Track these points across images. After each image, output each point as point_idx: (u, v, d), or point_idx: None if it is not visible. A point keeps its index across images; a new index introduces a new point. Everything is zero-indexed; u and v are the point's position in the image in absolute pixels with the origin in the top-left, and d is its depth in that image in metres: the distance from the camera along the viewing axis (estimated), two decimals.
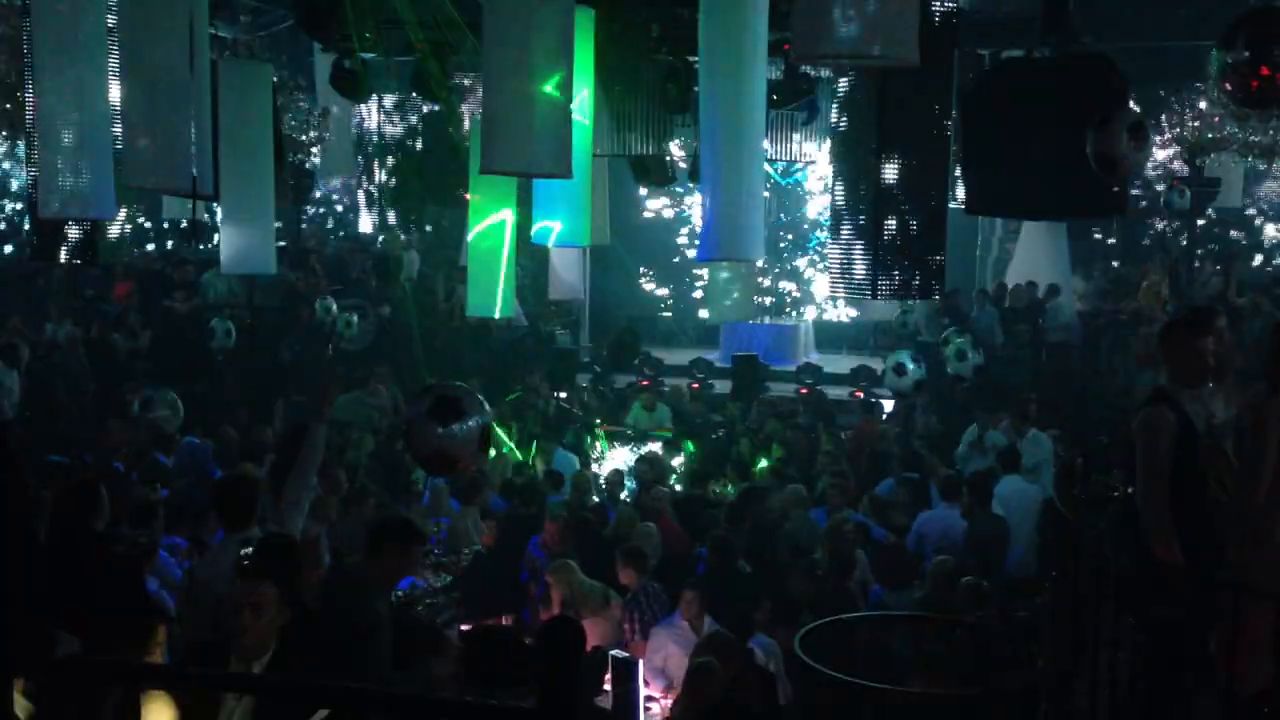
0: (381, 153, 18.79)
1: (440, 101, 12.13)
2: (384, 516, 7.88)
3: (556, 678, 4.89)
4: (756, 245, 7.83)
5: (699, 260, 17.10)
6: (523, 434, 12.72)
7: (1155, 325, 13.22)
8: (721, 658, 6.15)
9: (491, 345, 16.14)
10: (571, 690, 5.17)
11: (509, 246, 9.69)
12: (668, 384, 15.74)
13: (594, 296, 19.51)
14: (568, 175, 6.93)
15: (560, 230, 8.87)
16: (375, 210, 21.99)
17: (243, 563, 5.49)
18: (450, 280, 16.68)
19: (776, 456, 11.76)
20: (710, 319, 19.71)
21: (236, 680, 4.31)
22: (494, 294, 9.65)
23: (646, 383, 15.43)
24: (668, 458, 12.05)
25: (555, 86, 6.44)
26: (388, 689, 4.56)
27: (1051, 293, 16.69)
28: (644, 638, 7.26)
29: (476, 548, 8.92)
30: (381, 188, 19.70)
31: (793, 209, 22.01)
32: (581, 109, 8.23)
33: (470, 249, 9.83)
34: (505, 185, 9.50)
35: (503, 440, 11.95)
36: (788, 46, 8.16)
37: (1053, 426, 11.61)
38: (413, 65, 11.24)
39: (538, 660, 5.23)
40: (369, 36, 10.44)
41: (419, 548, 6.09)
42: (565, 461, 11.51)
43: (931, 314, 16.15)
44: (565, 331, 18.39)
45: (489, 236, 9.64)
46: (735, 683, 6.06)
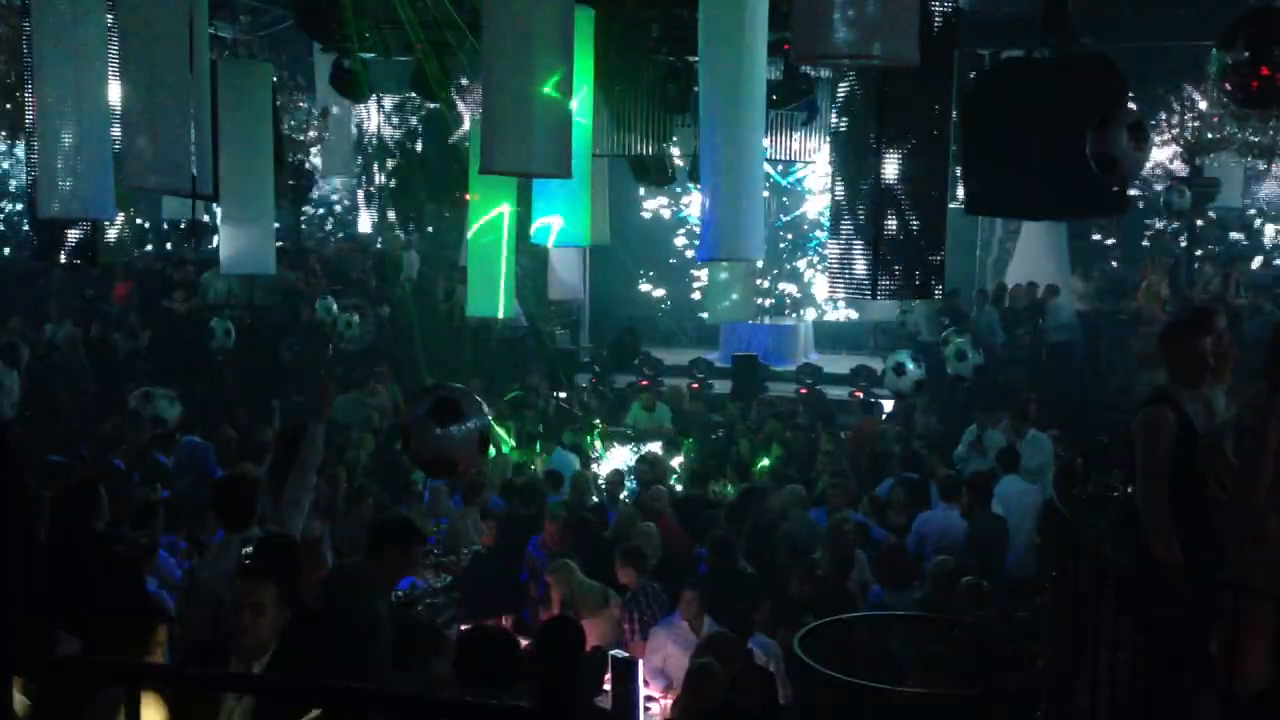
0: (381, 154, 18.79)
1: (440, 101, 12.13)
2: (384, 516, 7.88)
3: (556, 677, 4.92)
4: (756, 245, 7.83)
5: (699, 260, 17.09)
6: (522, 434, 12.72)
7: (1155, 325, 13.23)
8: (721, 658, 6.15)
9: (491, 345, 16.14)
10: (571, 690, 5.19)
11: (508, 246, 9.69)
12: (667, 384, 15.74)
13: (594, 296, 19.50)
14: (567, 175, 6.94)
15: (560, 230, 8.88)
16: (375, 210, 21.98)
17: (243, 563, 5.49)
18: (450, 280, 16.68)
19: (776, 456, 11.76)
20: (710, 320, 19.72)
21: (236, 680, 4.31)
22: (494, 294, 9.65)
23: (646, 383, 15.44)
24: (667, 458, 12.05)
25: (555, 86, 6.45)
26: (388, 689, 4.56)
27: (1051, 293, 16.69)
28: (643, 638, 7.26)
29: (476, 548, 8.92)
30: (381, 188, 19.69)
31: (792, 209, 22.02)
32: (581, 109, 8.23)
33: (470, 249, 9.84)
34: (505, 185, 9.50)
35: (502, 438, 11.95)
36: (788, 46, 8.16)
37: (1053, 426, 11.61)
38: (413, 65, 11.25)
39: (534, 660, 5.25)
40: (369, 36, 10.44)
41: (419, 548, 6.09)
42: (565, 461, 11.51)
43: (931, 314, 16.15)
44: (565, 331, 18.39)
45: (488, 234, 9.64)
46: (735, 683, 6.06)
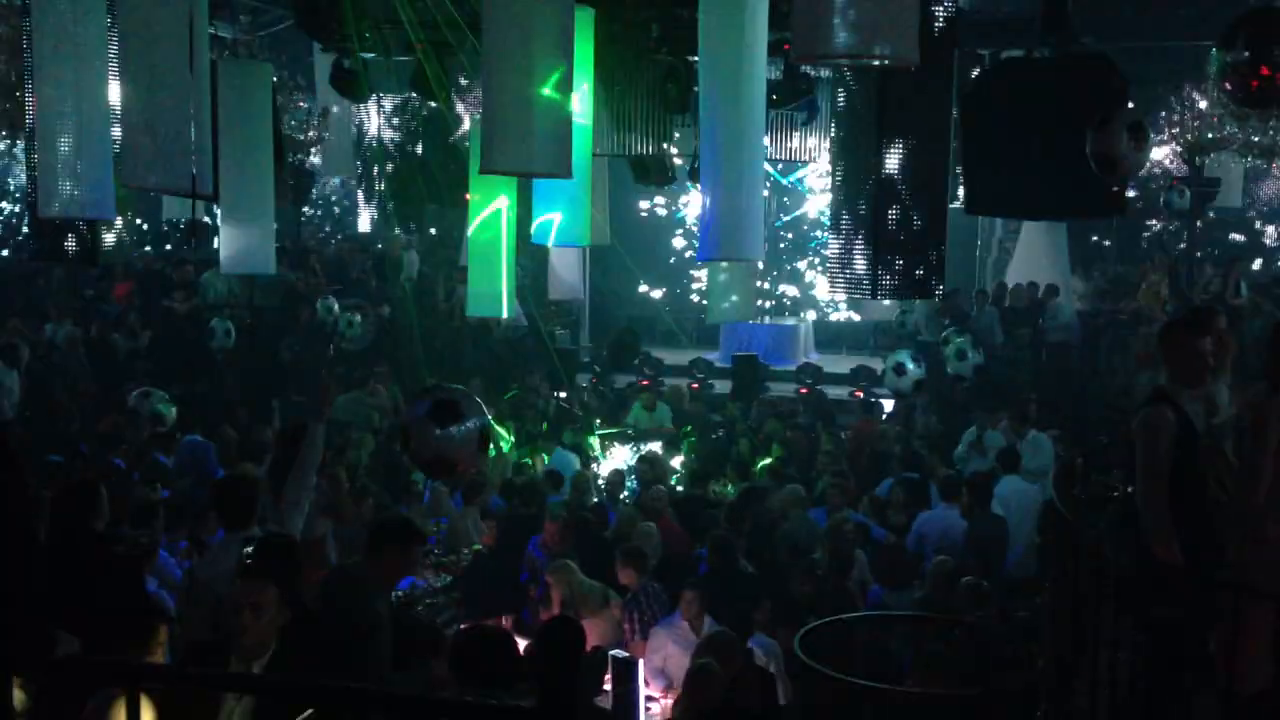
0: (381, 154, 18.78)
1: (440, 101, 12.12)
2: (384, 516, 7.88)
3: (556, 677, 4.91)
4: (756, 245, 7.83)
5: (699, 260, 17.10)
6: (521, 434, 12.73)
7: (1155, 325, 13.22)
8: (721, 658, 6.15)
9: (491, 345, 16.14)
10: (571, 690, 5.19)
11: (508, 245, 9.69)
12: (667, 384, 15.74)
13: (593, 296, 19.51)
14: (567, 175, 6.93)
15: (560, 230, 8.87)
16: (375, 210, 21.98)
17: (244, 563, 5.49)
18: (450, 280, 16.68)
19: (776, 456, 11.76)
20: (710, 320, 19.71)
21: (236, 680, 4.31)
22: (495, 294, 9.64)
23: (646, 383, 15.43)
24: (667, 457, 12.05)
25: (555, 86, 6.44)
26: (388, 689, 4.56)
27: (1050, 293, 16.69)
28: (644, 638, 7.26)
29: (476, 548, 8.92)
30: (381, 188, 19.68)
31: (792, 208, 22.01)
32: (581, 109, 8.23)
33: (470, 248, 9.83)
34: (505, 185, 9.50)
35: (502, 437, 11.95)
36: (787, 46, 8.16)
37: (1052, 426, 11.61)
38: (413, 65, 11.24)
39: (534, 660, 5.24)
40: (369, 36, 10.43)
41: (419, 548, 6.10)
42: (565, 461, 11.51)
43: (931, 314, 16.15)
44: (565, 331, 18.38)
45: (488, 234, 9.64)
46: (735, 683, 6.06)
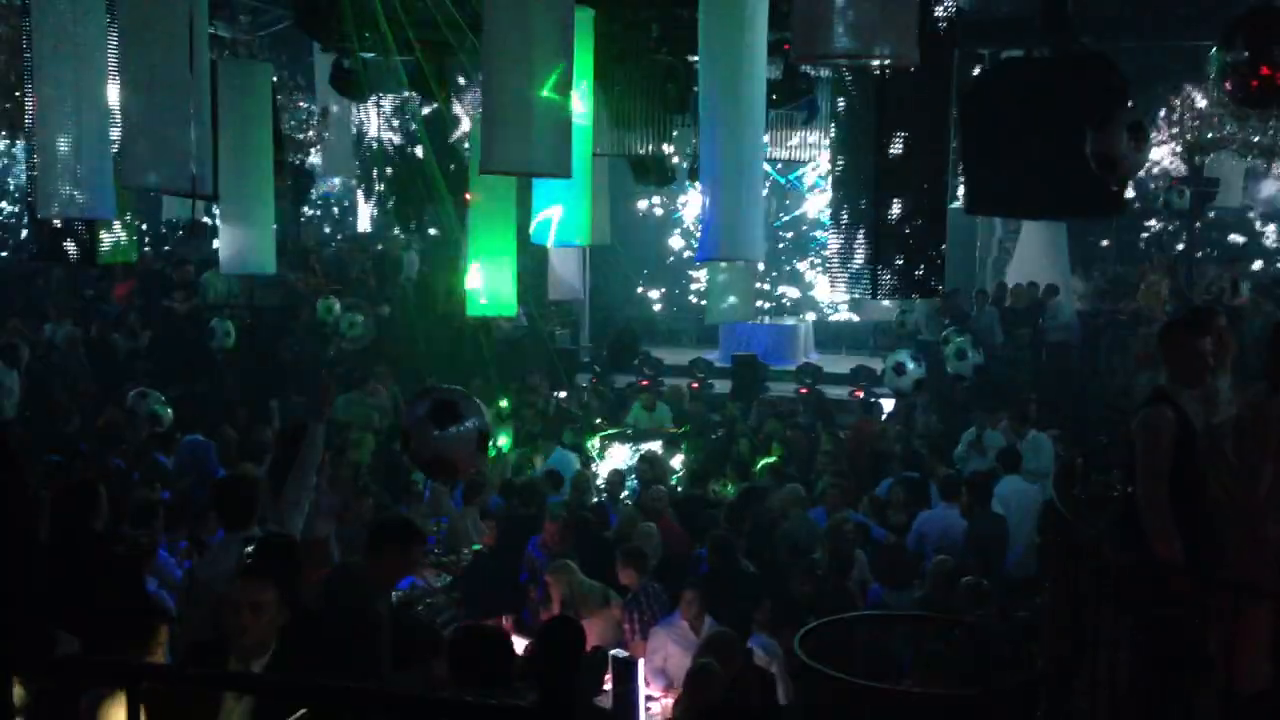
0: (381, 154, 18.77)
1: (440, 101, 12.11)
2: (384, 516, 7.88)
3: (556, 677, 4.91)
4: (756, 245, 7.83)
5: (698, 260, 17.11)
6: (521, 434, 12.73)
7: (1155, 325, 13.22)
8: (722, 658, 6.15)
9: (491, 345, 16.13)
10: (571, 689, 5.19)
11: (509, 246, 9.69)
12: (667, 384, 15.74)
13: (593, 296, 19.50)
14: (567, 175, 6.93)
15: (560, 230, 8.87)
16: (375, 209, 21.97)
17: (244, 562, 5.49)
18: (450, 280, 16.66)
19: (776, 456, 11.77)
20: (709, 320, 19.72)
21: (236, 680, 4.31)
22: (496, 294, 9.65)
23: (646, 382, 15.43)
24: (667, 457, 12.05)
25: (555, 86, 6.44)
26: (388, 689, 4.56)
27: (1050, 292, 16.70)
28: (644, 638, 7.26)
29: (476, 547, 8.92)
30: (381, 188, 19.67)
31: (792, 207, 22.01)
32: (581, 109, 8.23)
33: (471, 248, 9.83)
34: (505, 185, 9.50)
35: (503, 432, 11.96)
36: (787, 46, 8.16)
37: (1052, 426, 11.61)
38: (413, 65, 11.24)
39: (534, 660, 5.24)
40: (369, 36, 10.42)
41: (419, 548, 6.09)
42: (565, 461, 11.51)
43: (931, 313, 16.15)
44: (565, 331, 18.38)
45: (489, 234, 9.64)
46: (735, 683, 6.06)
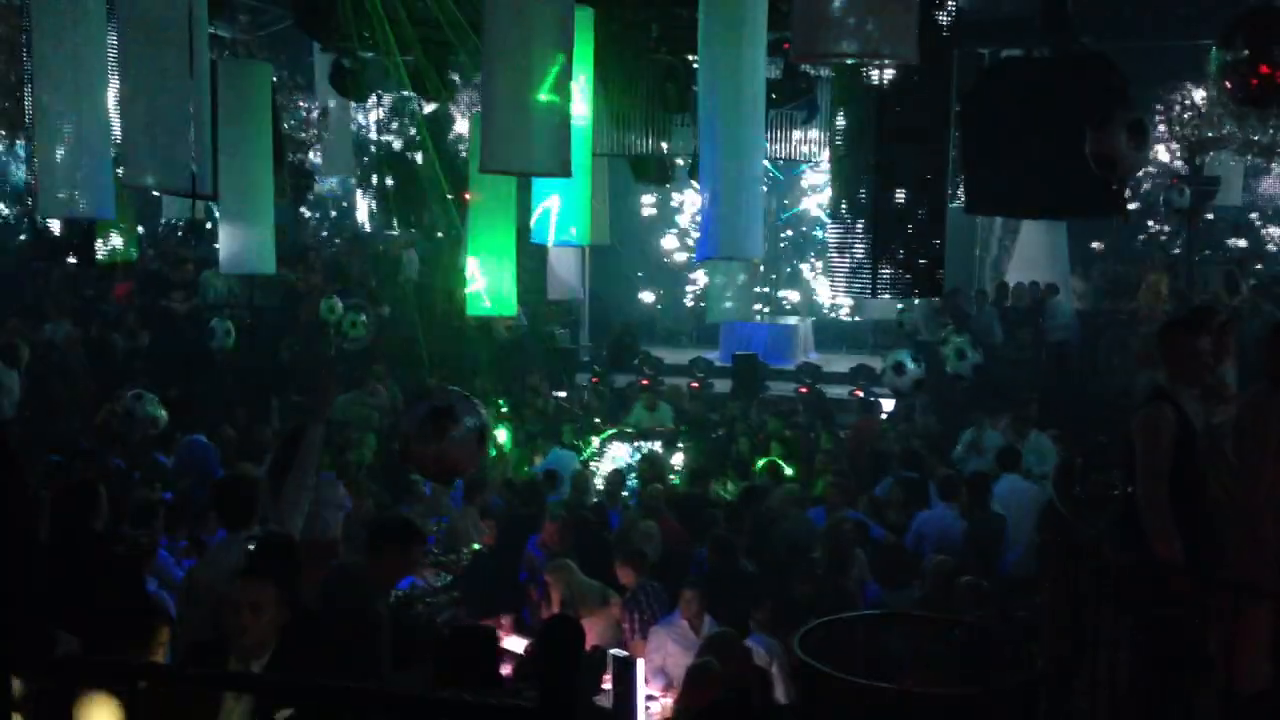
0: (381, 154, 18.79)
1: (440, 101, 12.12)
2: (384, 516, 7.88)
3: (556, 676, 4.90)
4: (755, 244, 7.83)
5: (698, 259, 17.13)
6: (520, 434, 12.74)
7: (1155, 325, 13.21)
8: (721, 657, 6.15)
9: (491, 345, 16.15)
10: (571, 689, 5.18)
11: (509, 245, 9.69)
12: (667, 383, 15.74)
13: (593, 296, 19.51)
14: (567, 174, 6.93)
15: (559, 229, 8.87)
16: (375, 209, 21.97)
17: (244, 562, 5.49)
18: (450, 280, 16.67)
19: (776, 455, 11.77)
20: (709, 319, 19.73)
21: (236, 680, 4.31)
22: (496, 294, 9.65)
23: (646, 382, 15.44)
24: (667, 457, 12.05)
25: (554, 86, 6.44)
26: (388, 689, 4.56)
27: (1050, 291, 16.70)
28: (643, 637, 7.26)
29: (476, 547, 8.92)
30: (381, 188, 19.67)
31: (792, 206, 22.00)
32: (581, 108, 8.23)
33: (471, 248, 9.84)
34: (505, 185, 9.50)
35: (504, 426, 11.97)
36: (787, 46, 8.17)
37: (1052, 426, 11.60)
38: (413, 65, 11.25)
39: (534, 659, 5.24)
40: (368, 36, 10.43)
41: (419, 548, 6.09)
42: (564, 461, 11.50)
43: (930, 313, 16.14)
44: (565, 331, 18.39)
45: (489, 234, 9.64)
46: (735, 682, 6.06)
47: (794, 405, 14.55)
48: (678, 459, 12.18)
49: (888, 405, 14.59)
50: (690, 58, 10.10)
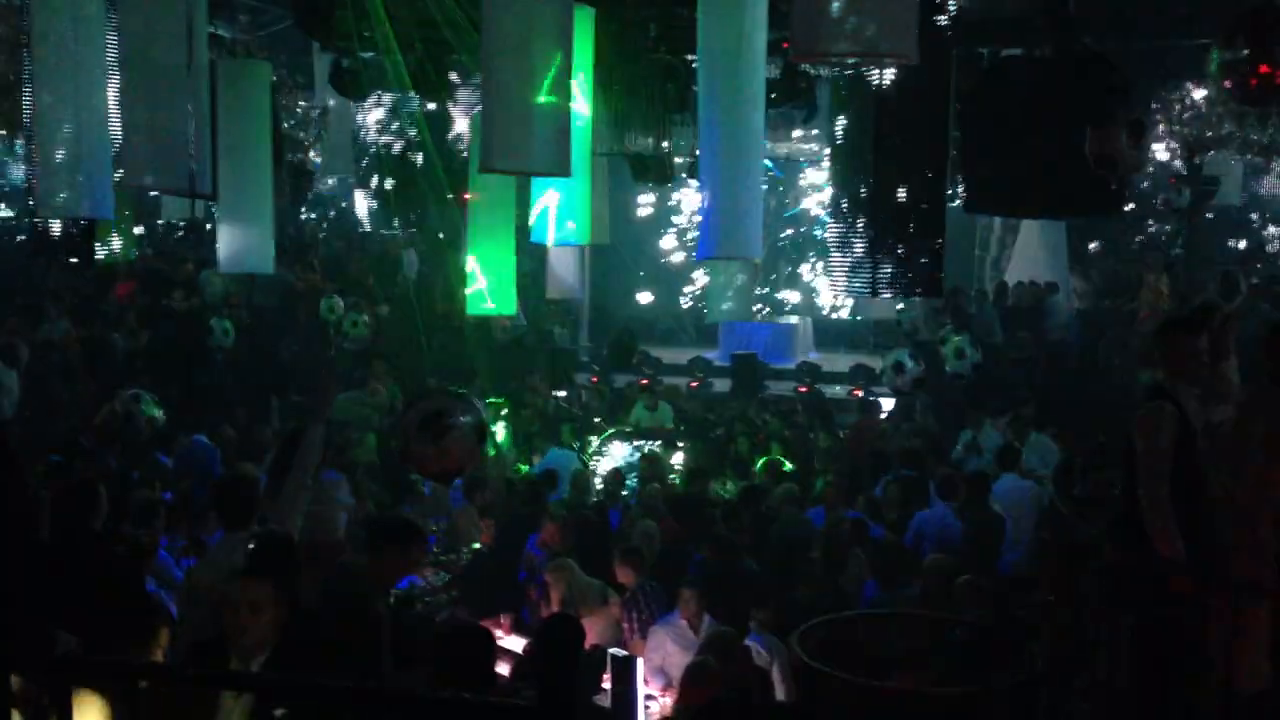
0: (380, 154, 18.78)
1: (440, 100, 12.11)
2: (384, 516, 7.89)
3: (556, 675, 4.90)
4: (755, 243, 7.83)
5: (697, 258, 17.14)
6: (519, 433, 12.74)
7: (1156, 325, 13.19)
8: (720, 657, 6.15)
9: (491, 345, 16.15)
10: (571, 688, 5.19)
11: (509, 245, 9.69)
12: (666, 383, 15.72)
13: (592, 295, 19.50)
14: (566, 174, 6.93)
15: (559, 229, 8.87)
16: (374, 208, 21.97)
17: (243, 561, 5.49)
18: (450, 280, 16.66)
19: (775, 455, 11.77)
20: (709, 318, 19.72)
21: (236, 679, 4.31)
22: (496, 293, 9.65)
23: (646, 381, 15.44)
24: (667, 456, 12.05)
25: (554, 85, 6.44)
26: (388, 688, 4.56)
27: (1049, 291, 16.69)
28: (642, 636, 7.26)
29: (475, 546, 8.92)
30: (381, 187, 19.66)
31: (792, 207, 22.00)
32: (580, 108, 8.23)
33: (471, 248, 9.84)
34: (505, 184, 9.50)
35: (503, 423, 11.98)
36: (786, 45, 8.16)
37: (1051, 426, 11.61)
38: (413, 64, 11.25)
39: (533, 658, 5.24)
40: (368, 35, 10.43)
41: (419, 548, 6.10)
42: (563, 460, 11.50)
43: (929, 312, 16.13)
44: (564, 330, 18.39)
45: (489, 233, 9.64)
46: (734, 681, 6.06)
47: (793, 405, 14.55)
48: (677, 458, 12.18)
49: (887, 405, 14.59)
50: (690, 57, 10.10)
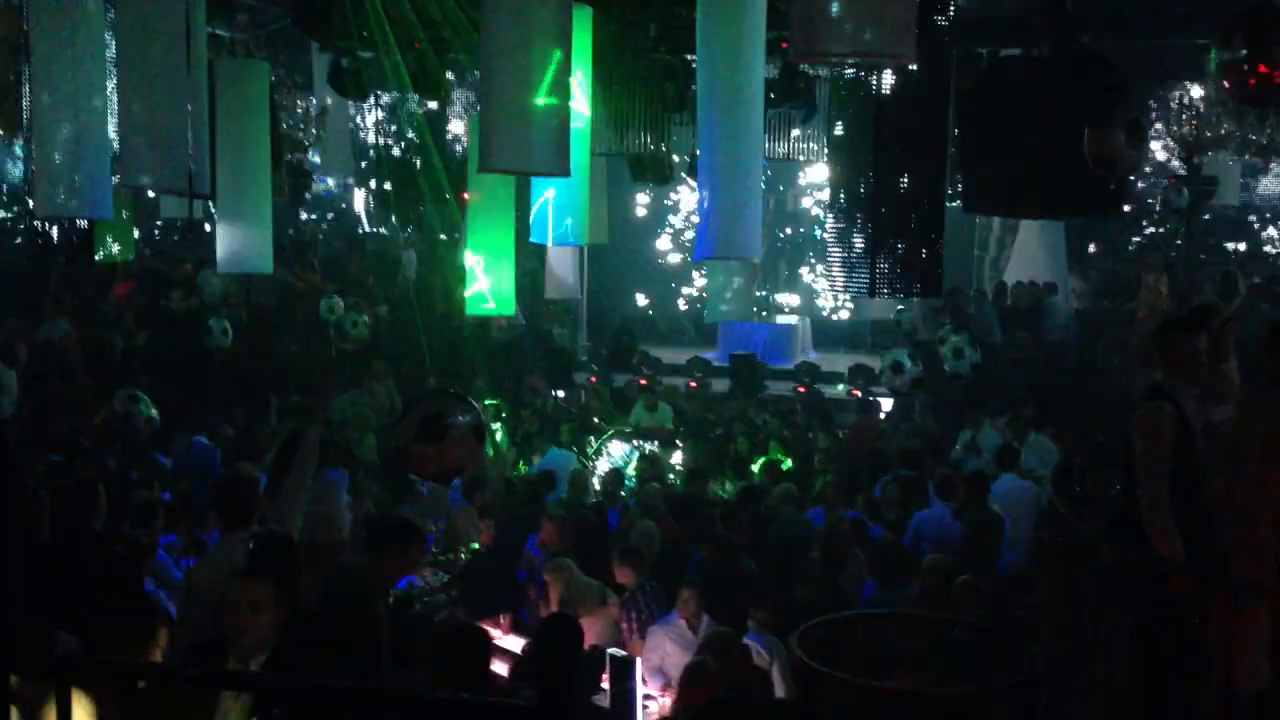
0: (379, 154, 18.78)
1: (439, 100, 12.11)
2: (384, 516, 7.89)
3: (554, 675, 4.89)
4: (754, 244, 7.83)
5: (696, 259, 17.15)
6: (517, 433, 12.74)
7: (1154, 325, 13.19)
8: (718, 656, 6.15)
9: (491, 344, 16.15)
10: (570, 688, 5.18)
11: (509, 245, 9.69)
12: (665, 382, 15.71)
13: (591, 295, 19.49)
14: (565, 174, 6.94)
15: (558, 229, 8.87)
16: (373, 208, 21.96)
17: (243, 561, 5.49)
18: (449, 280, 16.67)
19: (774, 455, 11.77)
20: (708, 318, 19.71)
21: (236, 679, 4.31)
22: (495, 294, 9.65)
23: (645, 381, 15.43)
24: (666, 456, 12.05)
25: (553, 85, 6.44)
26: (387, 688, 4.56)
27: (1048, 291, 16.69)
28: (641, 637, 7.25)
29: (474, 546, 8.92)
30: (380, 187, 19.67)
31: (794, 202, 22.01)
32: (580, 108, 8.23)
33: (470, 248, 9.84)
34: (503, 184, 9.50)
35: (501, 425, 11.98)
36: (786, 45, 8.16)
37: (1050, 426, 11.61)
38: (412, 64, 11.25)
39: (532, 658, 5.24)
40: (367, 35, 10.43)
41: (419, 548, 6.10)
42: (563, 460, 11.50)
43: (928, 312, 16.12)
44: (563, 330, 18.39)
45: (488, 233, 9.64)
46: (733, 681, 6.06)
47: (792, 405, 14.54)
48: (676, 458, 12.18)
49: (886, 405, 14.59)
50: (689, 57, 10.09)
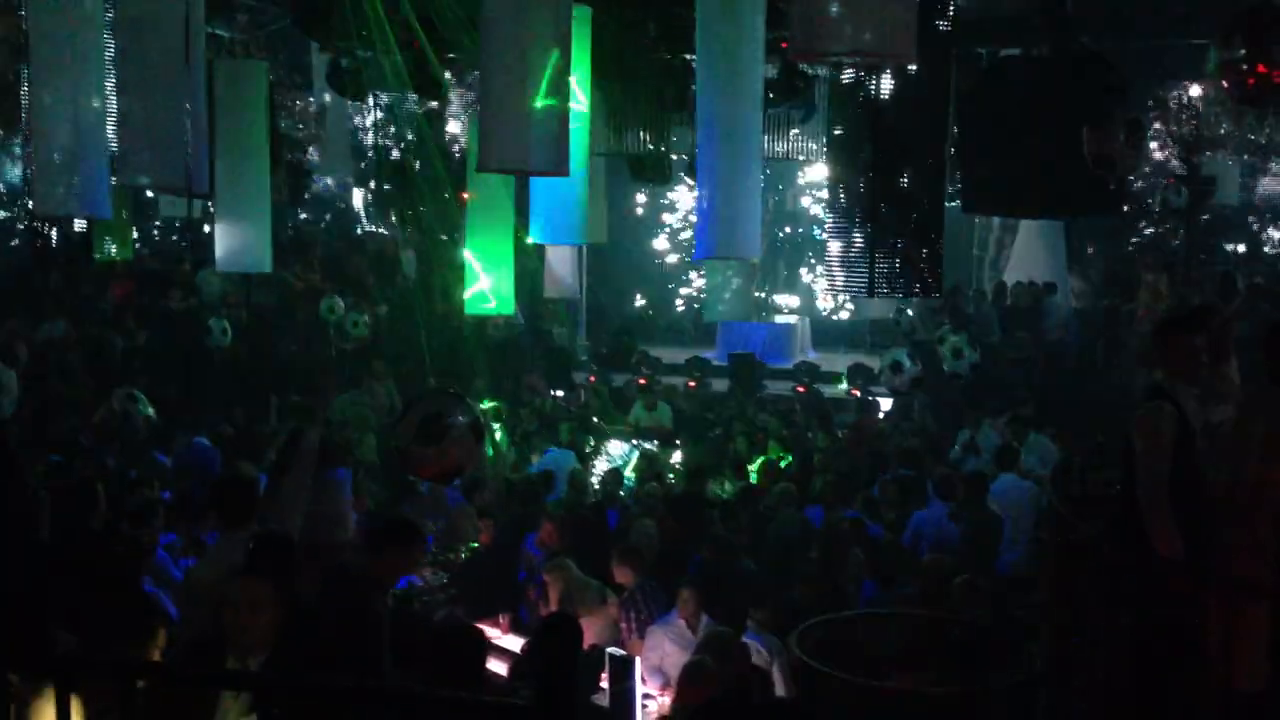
0: (378, 153, 18.78)
1: (438, 100, 12.11)
2: (385, 516, 7.88)
3: (553, 675, 4.88)
4: (753, 244, 7.83)
5: (695, 259, 17.15)
6: (516, 433, 12.74)
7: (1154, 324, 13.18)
8: (717, 656, 6.15)
9: (490, 344, 16.15)
10: (569, 687, 5.17)
11: (508, 245, 9.69)
12: (664, 382, 15.71)
13: (590, 295, 19.50)
14: (565, 174, 6.93)
15: (557, 228, 8.86)
16: (372, 208, 21.95)
17: (242, 561, 5.49)
18: (449, 280, 16.66)
19: (773, 455, 11.77)
20: (707, 318, 19.72)
21: (235, 678, 4.31)
22: (495, 293, 9.65)
23: (644, 381, 15.44)
24: (665, 456, 12.05)
25: (552, 85, 6.43)
26: (387, 687, 4.56)
27: (1047, 291, 16.70)
28: (640, 636, 7.25)
29: (474, 546, 8.92)
30: (379, 187, 19.66)
31: (793, 202, 22.01)
32: (579, 108, 8.23)
33: (469, 247, 9.84)
34: (503, 184, 9.49)
35: (499, 427, 11.98)
36: (785, 45, 8.16)
37: (1049, 425, 11.61)
38: (411, 63, 11.25)
39: (531, 657, 5.24)
40: (366, 35, 10.42)
41: (420, 548, 6.10)
42: (561, 460, 11.50)
43: (927, 312, 16.13)
44: (562, 330, 18.39)
45: (487, 233, 9.64)
46: (732, 681, 6.06)
47: (791, 404, 14.55)
48: (676, 458, 12.18)
49: (886, 404, 14.59)
50: (689, 57, 10.09)
